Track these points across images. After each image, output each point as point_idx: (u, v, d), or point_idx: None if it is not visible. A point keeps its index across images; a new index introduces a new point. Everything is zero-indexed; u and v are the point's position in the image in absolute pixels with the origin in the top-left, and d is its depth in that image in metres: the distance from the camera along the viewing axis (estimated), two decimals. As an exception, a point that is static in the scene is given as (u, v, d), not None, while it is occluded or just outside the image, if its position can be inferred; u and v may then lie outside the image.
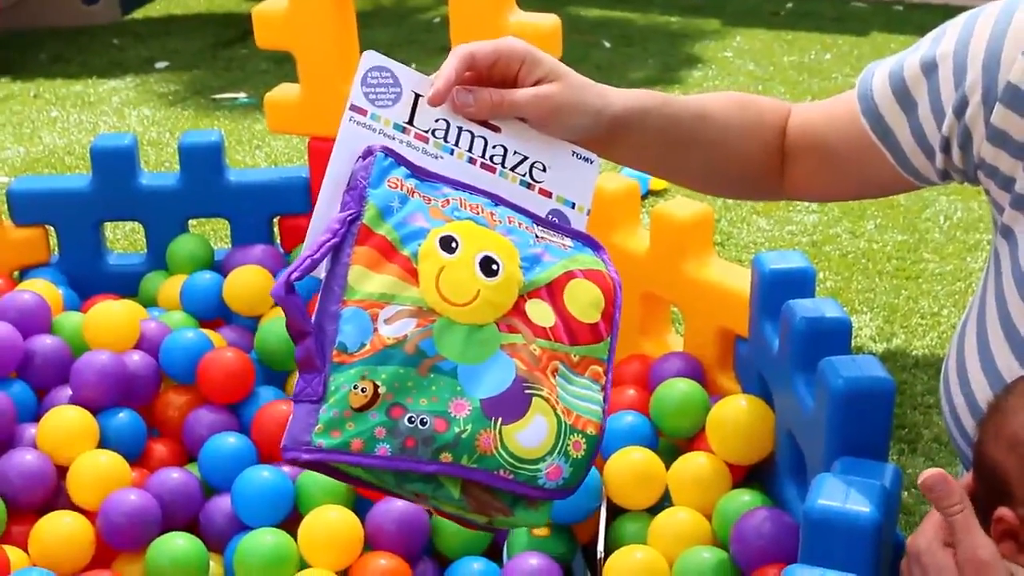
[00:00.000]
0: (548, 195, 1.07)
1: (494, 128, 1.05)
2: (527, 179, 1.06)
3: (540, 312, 0.99)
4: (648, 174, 1.37)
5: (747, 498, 1.28)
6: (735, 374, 1.47)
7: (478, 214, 1.01)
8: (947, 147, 1.05)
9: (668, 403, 1.41)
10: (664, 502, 1.36)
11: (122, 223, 2.45)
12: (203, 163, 1.72)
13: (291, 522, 1.36)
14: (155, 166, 2.84)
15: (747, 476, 1.35)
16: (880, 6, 4.18)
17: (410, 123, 1.03)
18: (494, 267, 0.98)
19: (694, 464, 1.34)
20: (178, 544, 1.31)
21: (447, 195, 1.01)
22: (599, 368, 1.01)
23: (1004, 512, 0.91)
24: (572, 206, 1.07)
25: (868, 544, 0.96)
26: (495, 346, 0.96)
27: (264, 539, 1.31)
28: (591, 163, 1.08)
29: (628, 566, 1.25)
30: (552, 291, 1.01)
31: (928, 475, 0.89)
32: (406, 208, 0.99)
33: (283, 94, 1.73)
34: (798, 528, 1.08)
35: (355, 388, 0.93)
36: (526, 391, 0.96)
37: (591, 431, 0.98)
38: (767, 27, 3.97)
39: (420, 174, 1.01)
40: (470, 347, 0.96)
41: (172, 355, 1.51)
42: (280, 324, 0.96)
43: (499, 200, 1.03)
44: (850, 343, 1.18)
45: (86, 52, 3.79)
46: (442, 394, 0.94)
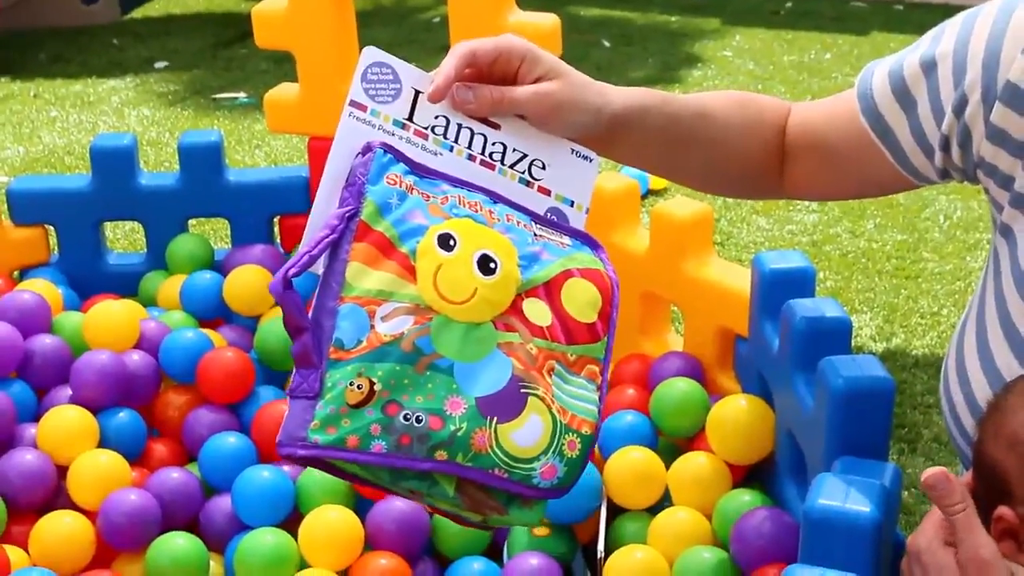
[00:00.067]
0: (547, 193, 1.06)
1: (494, 125, 1.05)
2: (526, 177, 1.06)
3: (537, 311, 0.99)
4: (648, 172, 1.37)
5: (747, 498, 1.28)
6: (735, 374, 1.47)
7: (477, 212, 1.01)
8: (946, 146, 1.05)
9: (668, 403, 1.41)
10: (664, 502, 1.36)
11: (122, 223, 2.45)
12: (203, 163, 1.72)
13: (291, 522, 1.36)
14: (155, 166, 2.84)
15: (747, 476, 1.35)
16: (880, 5, 4.18)
17: (410, 119, 1.03)
18: (492, 265, 0.98)
19: (694, 464, 1.34)
20: (178, 544, 1.31)
21: (446, 192, 1.01)
22: (595, 368, 1.01)
23: (1004, 511, 0.90)
24: (571, 204, 1.07)
25: (868, 544, 0.96)
26: (492, 344, 0.96)
27: (264, 539, 1.31)
28: (590, 161, 1.08)
29: (628, 566, 1.25)
30: (550, 290, 1.00)
31: (930, 473, 0.89)
32: (405, 205, 0.99)
33: (283, 94, 1.73)
34: (798, 528, 1.08)
35: (351, 385, 0.93)
36: (522, 390, 0.96)
37: (586, 431, 0.98)
38: (767, 26, 3.97)
39: (419, 171, 1.01)
40: (467, 345, 0.96)
41: (172, 355, 1.51)
42: (280, 324, 0.96)
43: (498, 198, 1.03)
44: (850, 343, 1.18)
45: (86, 52, 3.79)
46: (438, 392, 0.94)
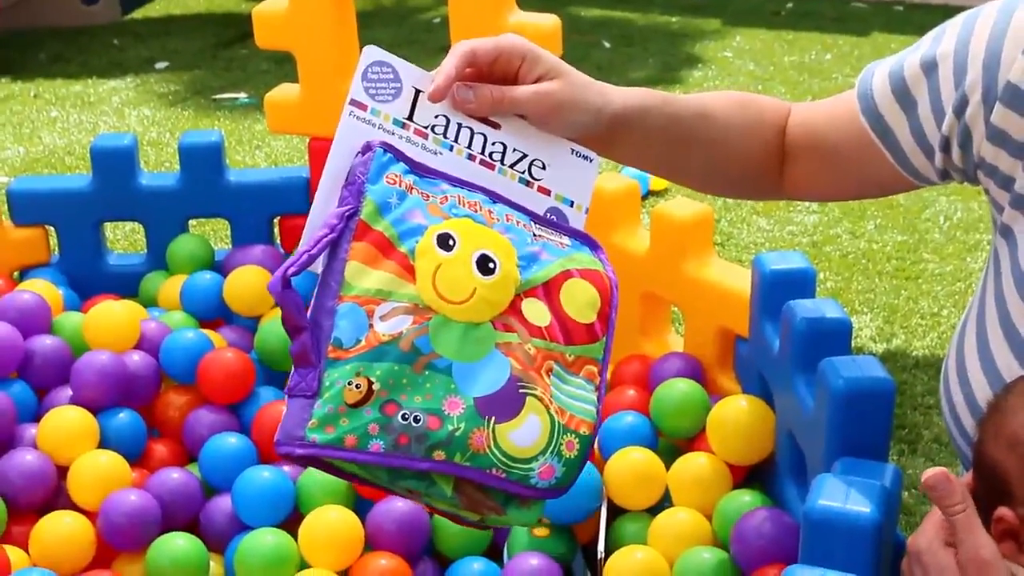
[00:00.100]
0: (547, 193, 1.06)
1: (494, 125, 1.05)
2: (526, 177, 1.06)
3: (536, 311, 0.99)
4: (648, 173, 1.37)
5: (747, 498, 1.28)
6: (735, 374, 1.47)
7: (476, 211, 1.01)
8: (947, 146, 1.05)
9: (668, 403, 1.41)
10: (664, 502, 1.36)
11: (122, 223, 2.45)
12: (203, 163, 1.72)
13: (291, 522, 1.36)
14: (155, 166, 2.85)
15: (747, 476, 1.35)
16: (880, 6, 4.18)
17: (410, 119, 1.03)
18: (491, 265, 0.98)
19: (694, 464, 1.34)
20: (178, 544, 1.31)
21: (445, 192, 1.01)
22: (594, 368, 1.01)
23: (1004, 512, 0.90)
24: (571, 204, 1.07)
25: (868, 544, 0.96)
26: (490, 345, 0.96)
27: (264, 539, 1.31)
28: (590, 161, 1.08)
29: (628, 566, 1.25)
30: (548, 290, 1.00)
31: (931, 474, 0.89)
32: (404, 204, 0.99)
33: (283, 94, 1.73)
34: (798, 528, 1.08)
35: (350, 384, 0.93)
36: (520, 390, 0.96)
37: (584, 431, 0.98)
38: (767, 27, 3.97)
39: (419, 170, 1.01)
40: (465, 345, 0.96)
41: (172, 355, 1.51)
42: (280, 324, 0.96)
43: (497, 197, 1.03)
44: (850, 343, 1.18)
45: (86, 52, 3.79)
46: (436, 392, 0.94)
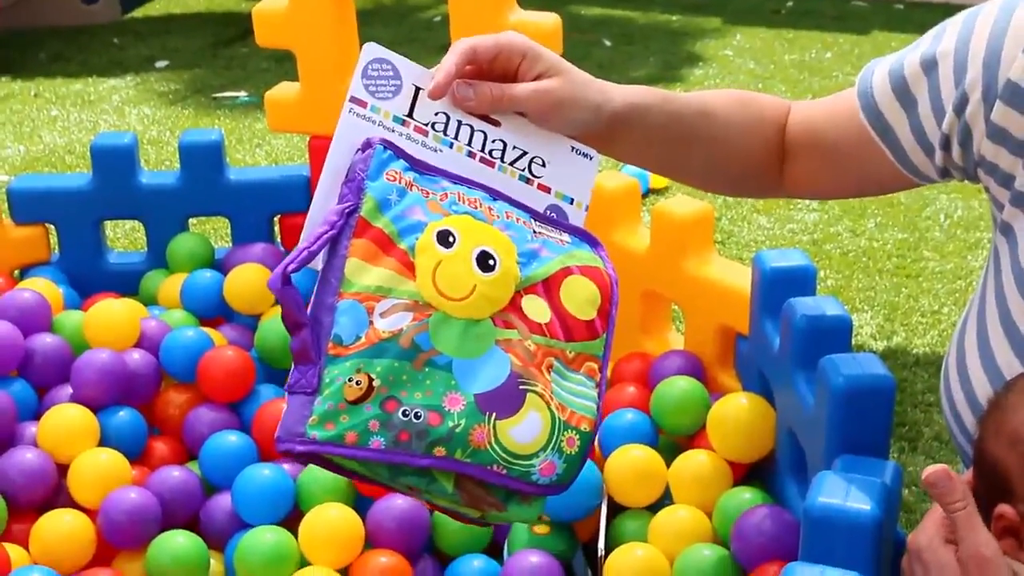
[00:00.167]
0: (547, 190, 1.06)
1: (494, 122, 1.05)
2: (526, 174, 1.06)
3: (536, 308, 0.99)
4: (648, 171, 1.37)
5: (748, 496, 1.28)
6: (736, 372, 1.47)
7: (476, 208, 1.01)
8: (947, 144, 1.05)
9: (668, 401, 1.40)
10: (665, 500, 1.36)
11: (122, 222, 2.45)
12: (203, 162, 1.72)
13: (292, 520, 1.36)
14: (155, 165, 2.85)
15: (748, 474, 1.35)
16: (881, 5, 4.18)
17: (410, 116, 1.03)
18: (491, 262, 0.98)
19: (695, 462, 1.34)
20: (179, 542, 1.31)
21: (445, 189, 1.01)
22: (594, 365, 1.01)
23: (1005, 509, 0.90)
24: (571, 202, 1.07)
25: (869, 542, 0.96)
26: (490, 341, 0.96)
27: (265, 537, 1.31)
28: (590, 159, 1.08)
29: (629, 564, 1.25)
30: (548, 287, 1.00)
31: (931, 471, 0.89)
32: (404, 201, 0.99)
33: (283, 92, 1.73)
34: (799, 526, 1.08)
35: (350, 381, 0.93)
36: (521, 387, 0.96)
37: (585, 427, 0.98)
38: (768, 25, 3.97)
39: (419, 167, 1.01)
40: (465, 342, 0.96)
41: (172, 353, 1.51)
42: (280, 322, 0.96)
43: (497, 195, 1.03)
44: (851, 341, 1.18)
45: (86, 51, 3.79)
46: (436, 388, 0.94)
